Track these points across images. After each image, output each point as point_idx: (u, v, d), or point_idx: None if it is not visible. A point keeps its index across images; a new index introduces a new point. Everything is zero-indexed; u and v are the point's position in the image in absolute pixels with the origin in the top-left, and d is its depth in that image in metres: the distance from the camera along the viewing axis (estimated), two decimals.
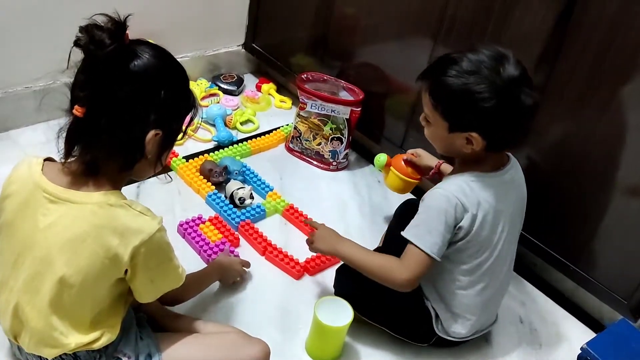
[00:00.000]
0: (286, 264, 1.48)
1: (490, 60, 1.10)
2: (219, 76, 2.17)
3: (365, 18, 1.80)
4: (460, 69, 1.10)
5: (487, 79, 1.08)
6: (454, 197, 1.15)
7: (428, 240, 1.15)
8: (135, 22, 1.97)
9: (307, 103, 1.82)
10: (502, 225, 1.21)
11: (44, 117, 1.79)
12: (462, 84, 1.09)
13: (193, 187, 1.68)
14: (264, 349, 1.14)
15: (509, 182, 1.22)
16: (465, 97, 1.09)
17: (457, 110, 1.12)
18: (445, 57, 1.15)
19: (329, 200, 1.75)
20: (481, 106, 1.08)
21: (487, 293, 1.26)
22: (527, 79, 1.11)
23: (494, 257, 1.22)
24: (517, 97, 1.09)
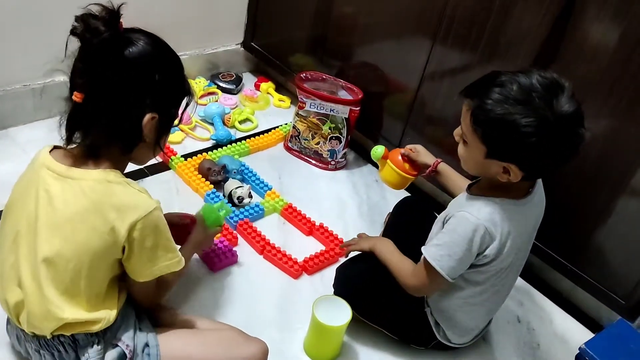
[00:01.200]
0: (284, 263, 1.48)
1: (544, 90, 1.00)
2: (218, 75, 2.17)
3: (365, 17, 1.80)
4: (509, 94, 1.00)
5: (536, 112, 0.99)
6: (483, 226, 1.10)
7: (446, 263, 1.13)
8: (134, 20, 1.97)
9: (306, 102, 1.81)
10: (523, 246, 1.20)
11: (42, 115, 1.79)
12: (507, 113, 1.00)
13: (192, 185, 1.68)
14: (262, 348, 1.14)
15: (535, 205, 1.18)
16: (509, 127, 1.00)
17: (499, 138, 1.04)
18: (494, 77, 1.04)
19: (327, 199, 1.75)
20: (525, 141, 1.00)
21: (493, 305, 1.27)
22: (580, 116, 1.02)
23: (507, 274, 1.21)
24: (568, 136, 1.01)
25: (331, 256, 1.52)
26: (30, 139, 1.72)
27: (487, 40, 1.48)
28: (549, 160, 1.04)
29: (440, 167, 1.43)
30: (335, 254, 1.53)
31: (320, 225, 1.61)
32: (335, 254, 1.53)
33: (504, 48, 1.46)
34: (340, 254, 1.53)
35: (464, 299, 1.22)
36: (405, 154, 1.46)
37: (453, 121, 1.61)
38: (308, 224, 1.62)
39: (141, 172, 1.69)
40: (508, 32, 1.44)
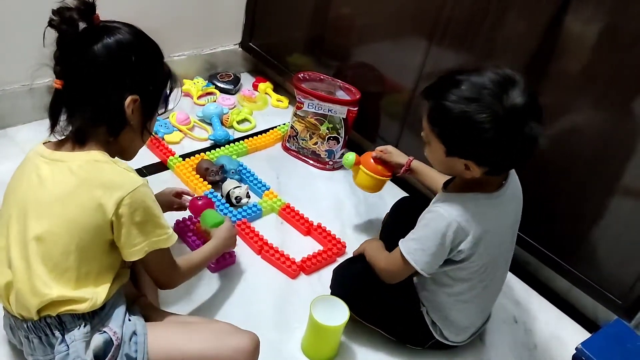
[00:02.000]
0: (282, 263, 1.48)
1: (494, 86, 1.02)
2: (216, 75, 2.17)
3: (362, 18, 1.81)
4: (461, 93, 1.03)
5: (488, 107, 1.01)
6: (455, 221, 1.12)
7: (420, 257, 1.16)
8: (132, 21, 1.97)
9: (304, 102, 1.82)
10: (504, 239, 1.21)
11: (41, 114, 1.76)
12: (460, 112, 1.03)
13: (189, 186, 1.68)
14: (253, 339, 1.13)
15: (510, 198, 1.19)
16: (463, 125, 1.04)
17: (454, 136, 1.07)
18: (447, 78, 1.08)
19: (325, 199, 1.76)
20: (479, 136, 1.03)
21: (485, 302, 1.28)
22: (533, 108, 1.04)
23: (493, 269, 1.22)
24: (520, 129, 1.02)
25: (329, 256, 1.53)
26: (28, 139, 1.72)
27: (483, 41, 1.48)
28: (505, 155, 1.07)
29: (414, 164, 1.46)
30: (333, 254, 1.53)
31: (318, 225, 1.62)
32: (333, 254, 1.54)
33: (500, 49, 1.46)
34: (339, 254, 1.54)
35: (455, 297, 1.23)
36: (376, 156, 1.48)
37: None
38: (306, 224, 1.62)
39: (139, 172, 1.69)
40: (504, 33, 1.45)
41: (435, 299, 1.26)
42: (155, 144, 1.78)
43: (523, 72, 1.26)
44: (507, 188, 1.17)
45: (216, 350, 1.09)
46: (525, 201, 1.30)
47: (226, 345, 1.10)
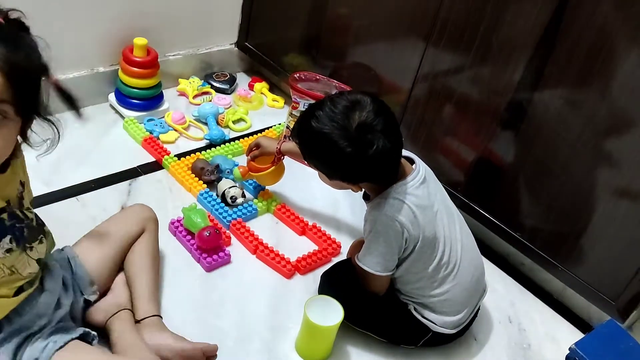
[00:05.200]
0: (277, 262, 1.48)
1: (341, 115, 1.13)
2: (212, 75, 2.17)
3: (359, 18, 1.81)
4: (318, 128, 1.14)
5: (339, 135, 1.12)
6: (387, 217, 1.19)
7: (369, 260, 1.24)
8: (129, 20, 1.98)
9: (299, 102, 1.82)
10: (440, 216, 1.25)
11: None
12: (320, 145, 1.16)
13: (185, 185, 1.68)
14: None
15: (426, 179, 1.25)
16: (326, 156, 1.18)
17: (323, 164, 1.21)
18: (303, 116, 1.21)
19: (321, 199, 1.76)
20: (341, 162, 1.15)
21: (461, 280, 1.28)
22: (382, 122, 1.13)
23: (449, 247, 1.25)
24: (371, 144, 1.12)
25: (324, 256, 1.53)
26: None
27: (480, 42, 1.49)
28: (369, 169, 1.17)
29: (283, 147, 1.54)
30: (328, 254, 1.54)
31: (314, 225, 1.62)
32: (328, 254, 1.54)
33: (497, 50, 1.47)
34: (334, 254, 1.54)
35: (429, 289, 1.26)
36: (251, 157, 1.61)
37: (447, 122, 1.64)
38: (301, 224, 1.62)
39: (134, 171, 1.69)
40: (501, 34, 1.45)
41: (416, 297, 1.29)
42: (150, 143, 1.78)
43: (520, 72, 1.28)
44: (417, 172, 1.24)
45: None
46: (520, 202, 1.31)
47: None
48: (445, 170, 1.64)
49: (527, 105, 1.46)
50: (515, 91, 1.48)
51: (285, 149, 1.53)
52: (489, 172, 1.61)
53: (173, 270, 1.43)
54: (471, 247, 1.33)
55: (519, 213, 1.56)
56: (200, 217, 1.49)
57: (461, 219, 1.33)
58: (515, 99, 1.48)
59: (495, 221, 1.60)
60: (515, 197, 1.55)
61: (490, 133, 1.56)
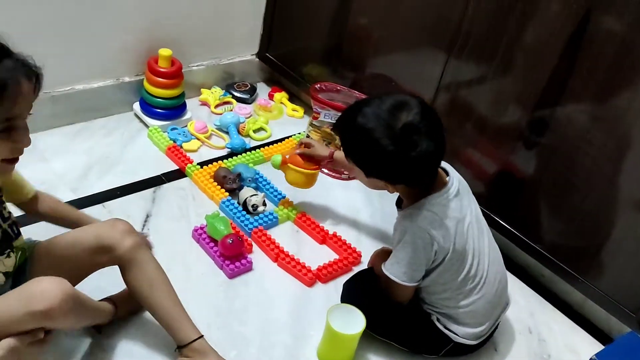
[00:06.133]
0: (298, 270, 1.50)
1: (387, 113, 1.13)
2: (233, 84, 2.20)
3: (379, 29, 1.83)
4: (361, 123, 1.15)
5: (383, 133, 1.12)
6: (419, 229, 1.20)
7: (396, 270, 1.24)
8: (154, 31, 2.02)
9: (320, 112, 1.84)
10: (471, 229, 1.25)
11: (60, 122, 1.82)
12: (362, 140, 1.16)
13: (207, 193, 1.71)
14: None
15: (460, 191, 1.25)
16: (366, 152, 1.18)
17: (363, 161, 1.21)
18: (348, 110, 1.21)
19: (341, 208, 1.77)
20: (382, 160, 1.15)
21: (486, 293, 1.28)
22: (427, 125, 1.13)
23: (477, 260, 1.26)
24: (415, 145, 1.12)
25: (345, 265, 1.54)
26: (48, 146, 1.75)
27: (503, 54, 1.50)
28: (409, 170, 1.16)
29: (336, 155, 1.55)
30: (348, 263, 1.55)
31: (334, 234, 1.63)
32: (349, 263, 1.55)
33: (519, 61, 1.48)
34: (354, 263, 1.56)
35: (454, 300, 1.27)
36: (302, 152, 1.59)
37: (469, 133, 1.65)
38: (321, 233, 1.64)
39: (158, 179, 1.73)
40: (524, 46, 1.46)
41: (440, 308, 1.29)
42: (173, 152, 1.81)
43: (542, 85, 1.28)
44: (452, 182, 1.24)
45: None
46: (541, 214, 1.32)
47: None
48: (466, 181, 1.63)
49: (549, 117, 1.47)
50: (537, 103, 1.49)
51: (338, 157, 1.53)
52: (510, 184, 1.62)
53: (197, 276, 1.45)
54: (497, 260, 1.33)
55: (540, 225, 1.57)
56: (223, 224, 1.51)
57: (489, 232, 1.33)
58: (537, 112, 1.50)
59: (516, 233, 1.60)
60: (536, 209, 1.56)
61: (511, 145, 1.57)
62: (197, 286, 1.42)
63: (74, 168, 1.69)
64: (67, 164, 1.69)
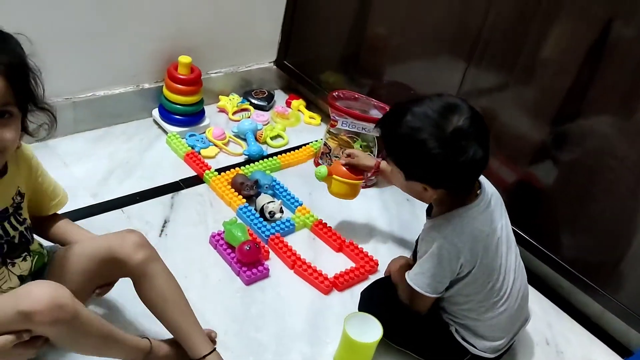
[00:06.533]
0: (315, 278, 1.50)
1: (437, 114, 1.10)
2: (251, 92, 2.21)
3: (398, 37, 1.83)
4: (409, 122, 1.12)
5: (432, 134, 1.09)
6: (446, 241, 1.18)
7: (420, 280, 1.23)
8: (174, 39, 2.04)
9: (338, 120, 1.85)
10: (500, 244, 1.23)
11: (82, 127, 1.84)
12: (408, 139, 1.12)
13: (225, 199, 1.72)
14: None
15: (491, 202, 1.23)
16: (412, 151, 1.13)
17: (406, 162, 1.16)
18: (397, 108, 1.17)
19: (358, 216, 1.77)
20: (427, 161, 1.11)
21: (508, 309, 1.27)
22: (476, 131, 1.11)
23: (504, 275, 1.24)
24: (462, 151, 1.09)
25: (361, 273, 1.54)
26: (69, 151, 1.77)
27: (523, 62, 1.50)
28: (452, 175, 1.13)
29: (382, 166, 1.51)
30: (365, 272, 1.55)
31: (351, 242, 1.63)
32: (366, 271, 1.55)
33: (540, 71, 1.48)
34: (371, 271, 1.56)
35: (476, 311, 1.25)
36: (346, 163, 1.55)
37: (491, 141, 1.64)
38: (338, 241, 1.64)
39: (177, 185, 1.74)
40: (544, 54, 1.46)
41: (460, 318, 1.28)
42: (191, 158, 1.82)
43: (562, 95, 1.28)
44: (484, 195, 1.22)
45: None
46: (560, 225, 1.31)
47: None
48: None
49: (569, 127, 1.46)
50: (557, 113, 1.48)
51: (385, 167, 1.48)
52: (529, 195, 1.61)
53: (214, 282, 1.46)
54: (522, 275, 1.31)
55: (559, 236, 1.55)
56: (240, 231, 1.51)
57: (517, 247, 1.31)
58: (557, 121, 1.49)
59: (534, 243, 1.59)
60: (555, 220, 1.55)
61: (530, 154, 1.57)
62: (214, 292, 1.43)
63: (94, 173, 1.71)
64: (87, 169, 1.71)
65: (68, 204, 1.27)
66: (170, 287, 1.17)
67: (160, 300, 1.16)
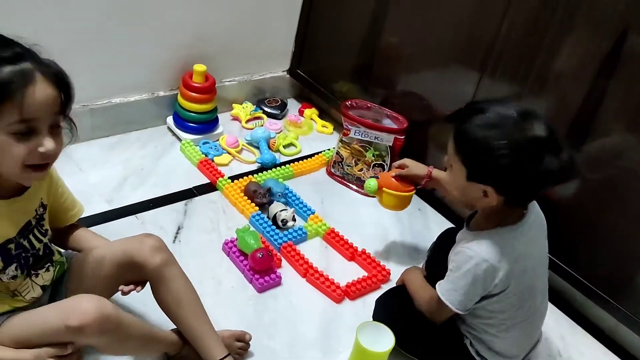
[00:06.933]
0: (327, 287, 1.50)
1: (517, 116, 1.08)
2: (264, 100, 2.23)
3: (412, 47, 1.83)
4: (485, 119, 1.09)
5: (509, 135, 1.06)
6: (484, 260, 1.14)
7: (453, 297, 1.19)
8: (190, 48, 2.05)
9: (351, 129, 1.85)
10: (536, 266, 1.22)
11: (99, 133, 1.86)
12: (483, 136, 1.08)
13: (237, 207, 1.73)
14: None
15: (533, 226, 1.21)
16: (484, 149, 1.08)
17: (476, 160, 1.11)
18: (474, 105, 1.16)
19: (369, 226, 1.77)
20: (498, 162, 1.07)
21: (529, 329, 1.27)
22: (553, 142, 1.08)
23: (532, 297, 1.23)
24: (538, 160, 1.06)
25: (373, 282, 1.54)
26: (86, 157, 1.79)
27: (537, 74, 1.50)
28: (522, 183, 1.10)
29: (435, 174, 1.46)
30: (377, 281, 1.55)
31: (363, 251, 1.63)
32: (378, 280, 1.55)
33: (553, 82, 1.47)
34: (383, 280, 1.56)
35: (496, 328, 1.24)
36: (395, 175, 1.51)
37: None
38: (350, 250, 1.64)
39: (190, 192, 1.75)
40: (558, 66, 1.46)
41: (478, 332, 1.27)
42: (205, 166, 1.84)
43: (577, 106, 1.28)
44: (528, 217, 1.19)
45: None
46: (575, 237, 1.30)
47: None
48: None
49: (583, 139, 1.46)
50: (571, 125, 1.47)
51: (438, 175, 1.44)
52: (543, 207, 1.59)
53: (226, 289, 1.46)
54: (546, 297, 1.31)
55: (573, 249, 1.54)
56: (253, 238, 1.52)
57: (547, 271, 1.29)
58: (571, 133, 1.48)
59: (549, 256, 1.58)
60: (570, 232, 1.53)
61: None
62: (226, 299, 1.43)
63: (109, 179, 1.72)
64: (102, 175, 1.73)
65: None
66: (186, 291, 1.19)
67: (175, 303, 1.18)
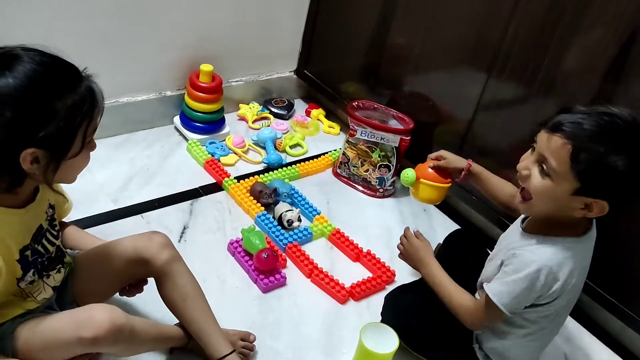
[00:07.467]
0: (332, 287, 1.50)
1: (636, 127, 1.02)
2: (271, 100, 2.23)
3: (419, 48, 1.83)
4: (615, 138, 1.00)
5: (635, 149, 1.00)
6: (547, 266, 1.09)
7: (508, 302, 1.13)
8: (197, 48, 2.06)
9: (357, 130, 1.85)
10: (580, 284, 1.18)
11: (104, 133, 1.86)
12: (608, 151, 1.00)
13: (243, 207, 1.73)
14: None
15: (591, 240, 1.17)
16: (611, 168, 0.99)
17: (597, 177, 1.02)
18: (596, 116, 1.03)
19: (375, 226, 1.77)
20: (625, 180, 1.01)
21: (548, 340, 1.27)
22: None
23: (564, 313, 1.22)
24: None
25: (378, 284, 1.54)
26: (92, 156, 1.77)
27: (544, 75, 1.49)
28: (631, 190, 1.03)
29: (474, 168, 1.40)
30: (382, 282, 1.55)
31: (368, 252, 1.63)
32: (383, 281, 1.55)
33: (561, 84, 1.47)
34: (388, 282, 1.55)
35: (523, 337, 1.22)
36: (434, 165, 1.43)
37: (508, 153, 1.63)
38: (355, 250, 1.64)
39: (196, 191, 1.75)
40: (566, 68, 1.45)
41: (498, 339, 1.24)
42: (211, 165, 1.84)
43: None
44: (592, 232, 1.15)
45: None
46: None
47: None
48: None
49: None
50: None
51: (475, 170, 1.40)
52: None
53: (231, 289, 1.47)
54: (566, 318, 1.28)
55: None
56: (258, 239, 1.52)
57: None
58: None
59: None
60: None
61: None
62: (231, 299, 1.43)
63: (115, 178, 1.73)
64: (108, 175, 1.73)
65: (89, 209, 1.28)
66: (192, 287, 1.21)
67: (181, 300, 1.19)
